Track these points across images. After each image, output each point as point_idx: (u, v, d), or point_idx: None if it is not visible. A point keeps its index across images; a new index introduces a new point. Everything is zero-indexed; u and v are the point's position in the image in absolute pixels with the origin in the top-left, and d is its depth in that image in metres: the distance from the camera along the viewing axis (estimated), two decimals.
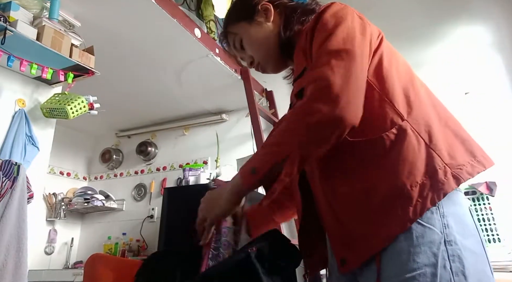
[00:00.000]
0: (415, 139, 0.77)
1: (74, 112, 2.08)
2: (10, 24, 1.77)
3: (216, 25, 3.08)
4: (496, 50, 2.96)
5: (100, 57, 2.20)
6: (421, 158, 0.76)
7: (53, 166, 3.86)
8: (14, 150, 1.97)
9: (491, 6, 3.04)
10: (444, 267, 0.69)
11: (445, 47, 3.13)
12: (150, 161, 4.10)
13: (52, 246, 3.73)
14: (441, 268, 0.69)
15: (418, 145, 0.77)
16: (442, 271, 0.69)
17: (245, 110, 3.38)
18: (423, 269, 0.69)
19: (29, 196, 1.94)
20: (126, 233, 3.76)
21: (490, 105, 2.88)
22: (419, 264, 0.70)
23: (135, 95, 3.53)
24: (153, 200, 3.86)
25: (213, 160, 3.63)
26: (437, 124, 0.81)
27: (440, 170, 0.75)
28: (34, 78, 2.19)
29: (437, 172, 0.75)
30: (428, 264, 0.69)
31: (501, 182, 2.67)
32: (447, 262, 0.69)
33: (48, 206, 3.73)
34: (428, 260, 0.69)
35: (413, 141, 0.77)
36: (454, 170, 0.76)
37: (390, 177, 0.76)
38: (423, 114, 0.81)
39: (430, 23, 3.14)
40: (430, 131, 0.79)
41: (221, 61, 2.96)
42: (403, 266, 0.71)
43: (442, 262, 0.69)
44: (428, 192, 0.73)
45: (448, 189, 0.74)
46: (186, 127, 4.02)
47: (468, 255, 0.71)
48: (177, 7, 2.54)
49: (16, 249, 1.79)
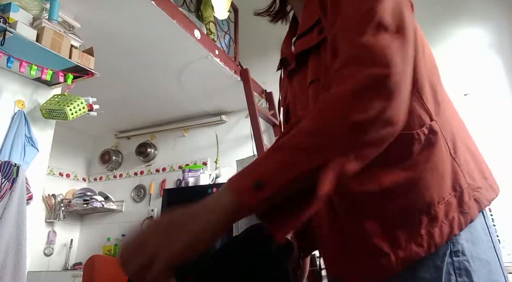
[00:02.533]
0: (444, 146, 0.64)
1: (73, 113, 2.08)
2: (10, 25, 1.77)
3: (216, 26, 3.08)
4: (495, 52, 2.97)
5: (99, 59, 2.20)
6: (448, 171, 0.63)
7: (53, 167, 3.86)
8: (14, 151, 1.97)
9: (490, 8, 3.05)
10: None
11: (445, 48, 3.14)
12: (150, 162, 4.10)
13: (51, 247, 3.73)
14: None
15: (446, 154, 0.64)
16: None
17: (245, 112, 3.38)
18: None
19: (28, 197, 1.94)
20: (126, 234, 3.74)
21: (490, 106, 2.88)
22: (419, 280, 0.59)
23: (135, 97, 3.53)
24: (152, 201, 3.85)
25: (212, 161, 3.63)
26: (458, 132, 0.69)
27: (465, 190, 0.63)
28: (34, 79, 2.19)
29: (463, 191, 0.62)
30: (430, 279, 0.59)
31: (501, 184, 2.67)
32: (453, 277, 0.58)
33: (48, 207, 3.73)
34: (429, 276, 0.58)
35: (443, 147, 0.64)
36: (474, 192, 0.64)
37: (416, 184, 0.61)
38: (448, 117, 0.68)
39: (430, 25, 3.14)
40: (454, 140, 0.66)
41: (221, 63, 2.97)
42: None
43: (447, 277, 0.58)
44: (453, 214, 0.60)
45: (473, 215, 0.62)
46: (186, 128, 4.02)
47: (479, 266, 0.60)
48: (176, 8, 2.55)
49: (15, 250, 1.79)
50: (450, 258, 0.59)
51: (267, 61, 3.81)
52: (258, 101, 3.36)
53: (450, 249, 0.59)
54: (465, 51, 3.07)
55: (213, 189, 2.83)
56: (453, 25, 3.14)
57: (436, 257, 0.59)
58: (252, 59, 3.70)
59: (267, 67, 3.74)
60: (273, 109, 3.49)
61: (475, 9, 3.12)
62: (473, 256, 0.60)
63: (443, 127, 0.65)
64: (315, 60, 0.69)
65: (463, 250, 0.60)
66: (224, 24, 3.33)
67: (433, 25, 3.16)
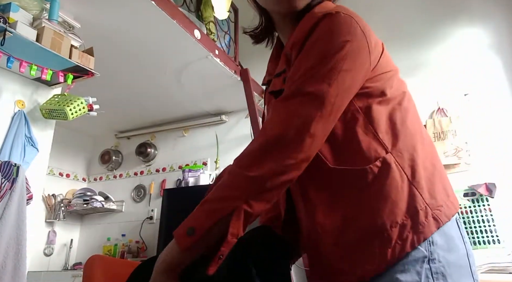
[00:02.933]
0: (399, 175, 0.72)
1: (73, 114, 2.09)
2: (10, 25, 1.77)
3: (216, 26, 3.08)
4: (495, 52, 2.97)
5: (99, 59, 2.20)
6: (403, 196, 0.72)
7: (53, 167, 3.86)
8: (14, 151, 1.97)
9: (490, 8, 3.05)
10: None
11: (444, 49, 3.14)
12: (150, 162, 4.10)
13: (51, 247, 3.73)
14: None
15: (401, 181, 0.72)
16: None
17: (245, 112, 3.38)
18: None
19: (28, 197, 1.94)
20: (126, 234, 3.75)
21: (490, 106, 2.88)
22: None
23: (135, 97, 3.53)
24: (152, 201, 3.85)
25: (212, 161, 3.63)
26: (421, 156, 0.76)
27: (421, 211, 0.71)
28: (34, 79, 2.19)
29: (418, 213, 0.71)
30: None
31: (501, 183, 2.67)
32: (431, 280, 0.68)
33: (48, 207, 3.73)
34: (411, 278, 0.68)
35: (396, 176, 0.72)
36: (434, 211, 0.72)
37: (370, 213, 0.72)
38: (408, 146, 0.76)
39: (430, 25, 3.14)
40: (414, 166, 0.74)
41: (221, 63, 2.97)
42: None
43: (426, 281, 0.68)
44: (407, 233, 0.70)
45: (428, 233, 0.70)
46: (186, 128, 4.02)
47: (453, 271, 0.70)
48: (176, 8, 2.55)
49: (15, 250, 1.79)
50: (428, 264, 0.69)
51: (267, 61, 3.82)
52: (258, 101, 3.36)
53: (429, 257, 0.69)
54: (465, 51, 3.07)
55: None
56: (452, 25, 3.14)
57: (416, 263, 0.69)
58: (252, 59, 3.69)
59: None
60: None
61: (474, 9, 3.12)
62: (449, 262, 0.70)
63: (399, 157, 0.74)
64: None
65: (439, 258, 0.69)
66: (224, 24, 3.34)
67: (433, 25, 3.16)
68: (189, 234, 0.66)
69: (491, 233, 2.63)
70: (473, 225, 2.68)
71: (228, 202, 0.67)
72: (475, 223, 2.68)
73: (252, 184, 0.67)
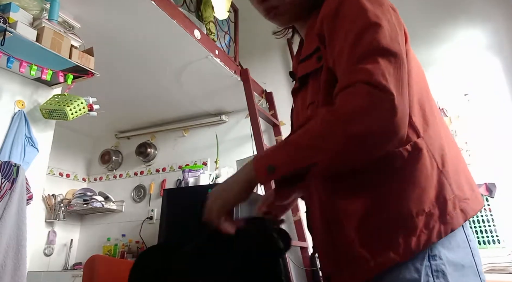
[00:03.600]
0: (429, 162, 0.69)
1: (73, 114, 2.09)
2: (10, 25, 1.77)
3: (216, 26, 3.08)
4: (495, 52, 2.97)
5: (99, 59, 2.20)
6: (432, 184, 0.69)
7: (53, 167, 3.86)
8: (14, 151, 1.97)
9: (490, 9, 3.05)
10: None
11: (445, 49, 3.14)
12: (150, 162, 4.10)
13: (51, 247, 3.73)
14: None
15: (431, 169, 0.69)
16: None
17: (245, 112, 3.38)
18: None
19: (28, 197, 1.94)
20: (126, 234, 3.75)
21: (490, 106, 2.88)
22: (401, 280, 0.66)
23: (135, 97, 3.53)
24: (152, 201, 3.85)
25: (212, 161, 3.63)
26: (447, 147, 0.74)
27: (449, 201, 0.68)
28: (34, 79, 2.19)
29: (446, 202, 0.68)
30: (411, 279, 0.66)
31: (501, 183, 2.67)
32: (431, 278, 0.66)
33: (48, 207, 3.73)
34: (410, 276, 0.66)
35: (427, 163, 0.69)
36: (461, 203, 0.69)
37: (396, 200, 0.68)
38: (437, 133, 0.73)
39: (430, 26, 3.15)
40: (443, 155, 0.71)
41: (221, 63, 2.97)
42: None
43: (426, 279, 0.65)
44: (434, 223, 0.67)
45: (455, 224, 0.68)
46: (186, 128, 4.02)
47: (453, 269, 0.67)
48: (176, 8, 2.55)
49: (15, 250, 1.79)
50: (428, 262, 0.66)
51: (267, 61, 3.82)
52: (258, 101, 3.36)
53: (429, 253, 0.67)
54: (464, 51, 3.08)
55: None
56: (453, 26, 3.14)
57: (416, 260, 0.66)
58: (252, 59, 3.70)
59: (267, 67, 3.76)
60: (273, 109, 3.49)
61: (474, 10, 3.12)
62: (449, 260, 0.67)
63: (430, 143, 0.71)
64: (314, 84, 0.79)
65: (440, 255, 0.67)
66: (224, 24, 3.33)
67: (433, 27, 3.16)
68: (270, 171, 0.67)
69: (491, 233, 2.63)
70: (473, 225, 2.68)
71: (316, 153, 0.64)
72: (475, 223, 2.68)
73: (349, 141, 0.62)
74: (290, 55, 3.65)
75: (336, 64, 0.70)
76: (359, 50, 0.65)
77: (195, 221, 0.84)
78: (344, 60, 0.67)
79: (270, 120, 3.38)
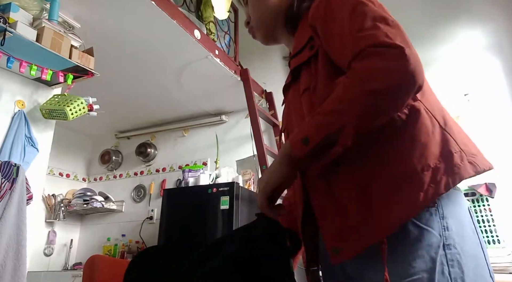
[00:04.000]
0: (429, 120, 0.71)
1: (73, 114, 2.08)
2: (10, 25, 1.77)
3: (216, 26, 3.08)
4: (494, 52, 2.97)
5: (99, 59, 2.20)
6: (435, 140, 0.69)
7: (53, 167, 3.86)
8: (14, 151, 1.97)
9: (490, 9, 3.05)
10: (442, 273, 0.64)
11: (445, 49, 3.14)
12: (150, 162, 4.10)
13: (51, 247, 3.73)
14: (438, 274, 0.64)
15: (432, 126, 0.71)
16: (440, 277, 0.64)
17: (245, 112, 3.38)
18: (420, 274, 0.64)
19: (28, 197, 1.94)
20: (126, 234, 3.75)
21: (490, 106, 2.88)
22: (415, 269, 0.65)
23: (135, 97, 3.53)
24: (152, 201, 3.85)
25: (212, 161, 3.63)
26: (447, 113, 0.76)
27: (456, 154, 0.69)
28: (34, 79, 2.19)
29: (452, 155, 0.68)
30: (425, 269, 0.64)
31: (501, 184, 2.67)
32: (446, 267, 0.64)
33: (47, 207, 3.73)
34: (425, 265, 0.65)
35: (426, 121, 0.71)
36: (469, 156, 0.70)
37: (398, 159, 0.69)
38: (434, 100, 0.76)
39: (430, 26, 3.14)
40: (445, 116, 0.74)
41: (221, 63, 2.97)
42: (398, 272, 0.65)
43: (440, 268, 0.64)
44: (442, 176, 0.66)
45: (465, 173, 0.68)
46: (186, 128, 4.02)
47: (468, 260, 0.66)
48: (176, 8, 2.55)
49: (15, 250, 1.79)
50: (443, 251, 0.66)
51: (267, 61, 3.82)
52: (258, 101, 3.36)
53: (443, 242, 0.66)
54: (464, 51, 3.08)
55: (213, 189, 2.83)
56: (453, 27, 3.14)
57: (430, 249, 0.65)
58: (252, 59, 3.70)
59: (267, 67, 3.76)
60: (273, 109, 3.49)
61: (474, 10, 3.12)
62: (463, 250, 0.67)
63: (429, 105, 0.73)
64: (306, 73, 0.82)
65: (455, 244, 0.66)
66: (224, 24, 3.33)
67: (433, 27, 3.16)
68: (304, 143, 0.69)
69: (491, 233, 2.63)
70: None
71: (342, 115, 0.66)
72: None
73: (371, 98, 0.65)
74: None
75: (335, 43, 0.74)
76: (357, 22, 0.70)
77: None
78: (345, 35, 0.71)
79: (270, 120, 3.38)
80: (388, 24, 0.68)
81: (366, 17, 0.70)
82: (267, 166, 2.77)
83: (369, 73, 0.65)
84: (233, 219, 2.65)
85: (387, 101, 0.66)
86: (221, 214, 2.71)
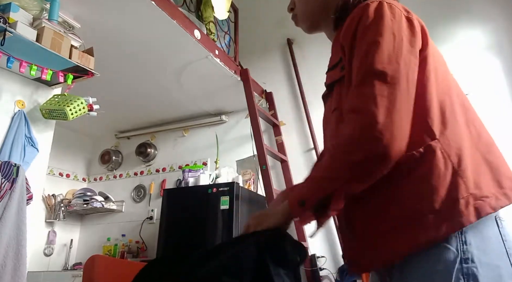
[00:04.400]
0: (443, 163, 0.73)
1: (73, 114, 2.08)
2: (10, 25, 1.77)
3: (216, 26, 3.08)
4: (494, 52, 2.97)
5: (99, 59, 2.20)
6: (445, 184, 0.71)
7: (53, 167, 3.86)
8: (14, 151, 1.97)
9: (490, 8, 3.06)
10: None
11: (445, 49, 3.14)
12: (150, 162, 4.10)
13: (51, 247, 3.73)
14: None
15: (445, 169, 0.72)
16: None
17: (245, 112, 3.38)
18: None
19: (28, 197, 1.94)
20: (126, 234, 3.75)
21: (490, 106, 2.88)
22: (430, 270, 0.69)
23: (135, 97, 3.53)
24: (152, 201, 3.85)
25: (212, 161, 3.63)
26: (469, 146, 0.76)
27: (462, 200, 0.70)
28: (34, 79, 2.19)
29: (458, 201, 0.70)
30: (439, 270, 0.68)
31: None
32: (462, 281, 0.67)
33: (47, 207, 3.73)
34: (442, 280, 0.68)
35: (440, 164, 0.72)
36: (477, 201, 0.71)
37: (407, 199, 0.73)
38: (456, 134, 0.76)
39: (430, 26, 3.13)
40: (461, 155, 0.74)
41: (221, 63, 2.97)
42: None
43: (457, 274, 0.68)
44: (443, 221, 0.70)
45: (465, 222, 0.69)
46: (186, 128, 4.02)
47: (487, 272, 0.68)
48: (176, 8, 2.55)
49: (15, 250, 1.79)
50: (460, 265, 0.68)
51: (267, 61, 3.82)
52: (258, 101, 3.36)
53: (461, 256, 0.68)
54: (464, 52, 3.08)
55: (213, 189, 2.83)
56: (453, 27, 3.14)
57: (448, 263, 0.68)
58: (252, 59, 3.70)
59: (267, 67, 3.76)
60: (273, 109, 3.49)
61: (475, 10, 3.12)
62: (482, 262, 0.69)
63: (446, 144, 0.74)
64: (338, 91, 0.88)
65: (473, 258, 0.68)
66: (224, 24, 3.33)
67: (433, 27, 3.16)
68: (301, 205, 0.78)
69: None
70: None
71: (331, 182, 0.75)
72: None
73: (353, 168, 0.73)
74: (290, 55, 3.65)
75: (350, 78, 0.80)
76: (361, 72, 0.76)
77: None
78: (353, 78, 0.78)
79: (270, 120, 3.38)
80: (386, 81, 0.72)
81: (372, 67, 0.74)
82: (267, 166, 2.77)
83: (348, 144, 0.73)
84: (233, 219, 2.65)
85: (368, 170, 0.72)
86: (221, 214, 2.71)
